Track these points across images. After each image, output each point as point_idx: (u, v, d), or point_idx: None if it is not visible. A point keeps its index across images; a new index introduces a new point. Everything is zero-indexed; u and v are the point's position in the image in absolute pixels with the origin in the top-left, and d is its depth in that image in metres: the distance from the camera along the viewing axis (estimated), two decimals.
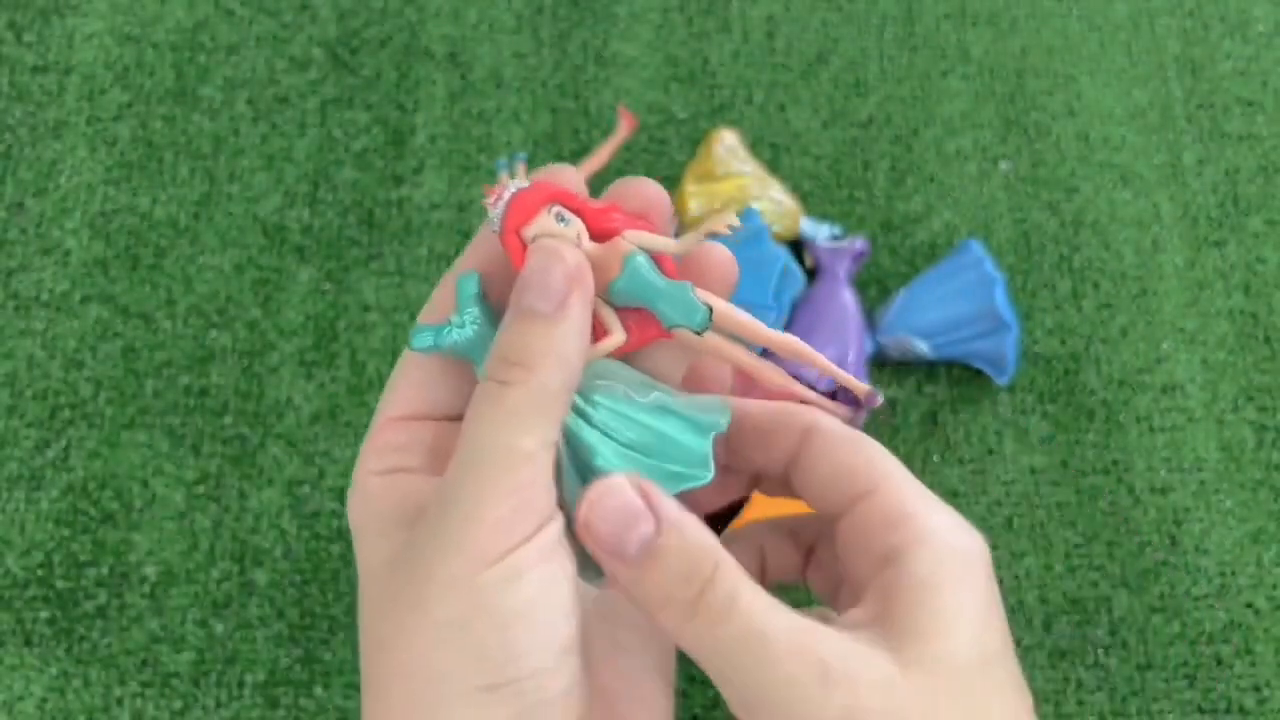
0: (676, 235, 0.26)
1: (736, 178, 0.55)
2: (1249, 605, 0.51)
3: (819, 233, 0.55)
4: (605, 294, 0.25)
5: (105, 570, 0.52)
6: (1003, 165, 0.59)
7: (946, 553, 0.23)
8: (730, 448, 0.27)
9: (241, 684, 0.49)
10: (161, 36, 0.62)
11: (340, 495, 0.52)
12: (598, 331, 0.25)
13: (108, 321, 0.56)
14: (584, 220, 0.25)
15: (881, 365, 0.55)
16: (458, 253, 0.61)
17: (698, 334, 0.25)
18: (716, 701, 0.49)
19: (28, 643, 0.51)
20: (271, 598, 0.51)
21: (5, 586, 0.52)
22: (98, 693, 0.50)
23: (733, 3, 0.63)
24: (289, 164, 0.59)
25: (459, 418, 0.25)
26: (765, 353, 0.27)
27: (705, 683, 0.49)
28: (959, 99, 0.61)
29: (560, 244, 0.25)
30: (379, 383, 0.55)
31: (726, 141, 0.56)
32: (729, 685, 0.22)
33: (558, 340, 0.23)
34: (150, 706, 0.49)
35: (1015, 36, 0.62)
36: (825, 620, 0.22)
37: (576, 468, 0.25)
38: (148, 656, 0.50)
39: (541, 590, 0.22)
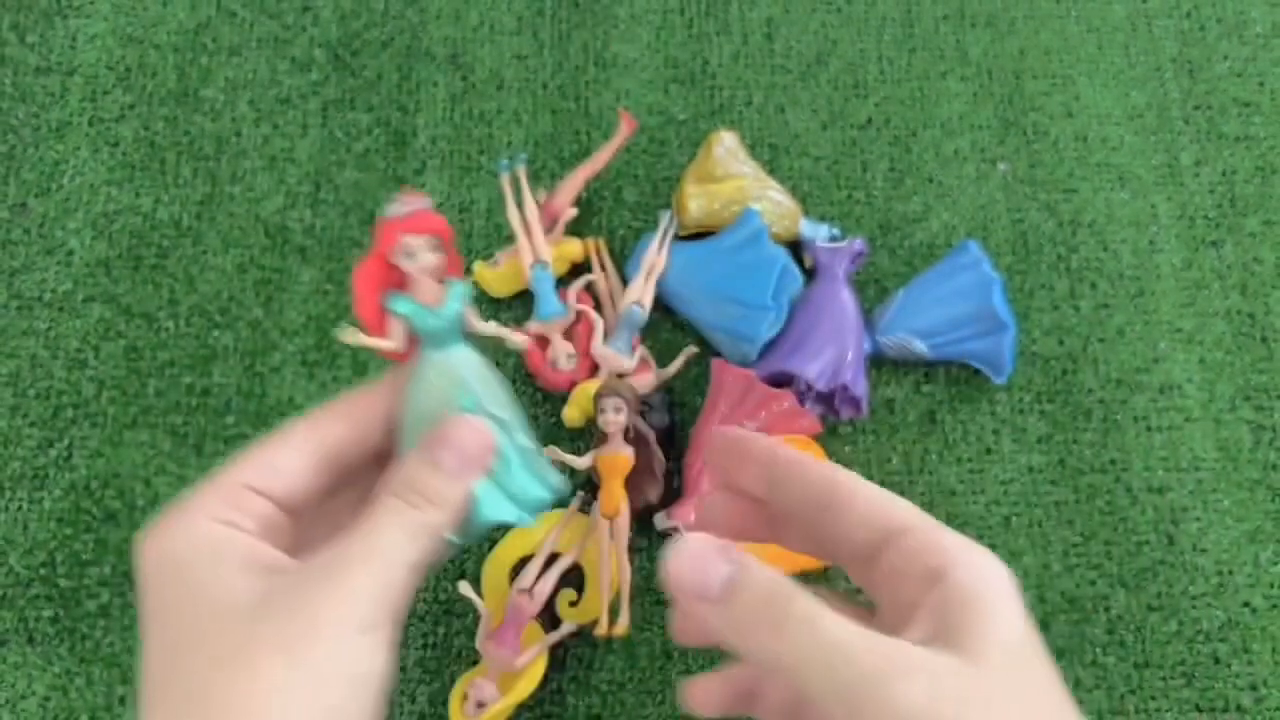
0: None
1: (736, 179, 0.56)
2: (1246, 604, 0.51)
3: (818, 233, 0.55)
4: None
5: (108, 569, 0.52)
6: (1000, 166, 0.59)
7: (986, 568, 0.26)
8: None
9: None
10: (164, 38, 0.62)
11: None
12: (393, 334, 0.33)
13: (110, 321, 0.56)
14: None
15: (880, 365, 0.55)
16: (459, 254, 0.61)
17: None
18: None
19: (31, 641, 0.51)
20: None
21: (8, 585, 0.52)
22: (100, 691, 0.50)
23: (732, 5, 0.63)
24: (291, 165, 0.59)
25: (294, 510, 0.31)
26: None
27: None
28: (957, 100, 0.61)
29: (483, 429, 0.32)
30: None
31: (726, 143, 0.56)
32: (819, 689, 0.24)
33: (456, 494, 0.31)
34: None
35: (1013, 38, 0.62)
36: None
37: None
38: None
39: (385, 663, 0.28)
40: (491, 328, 0.35)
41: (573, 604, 0.50)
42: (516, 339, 0.36)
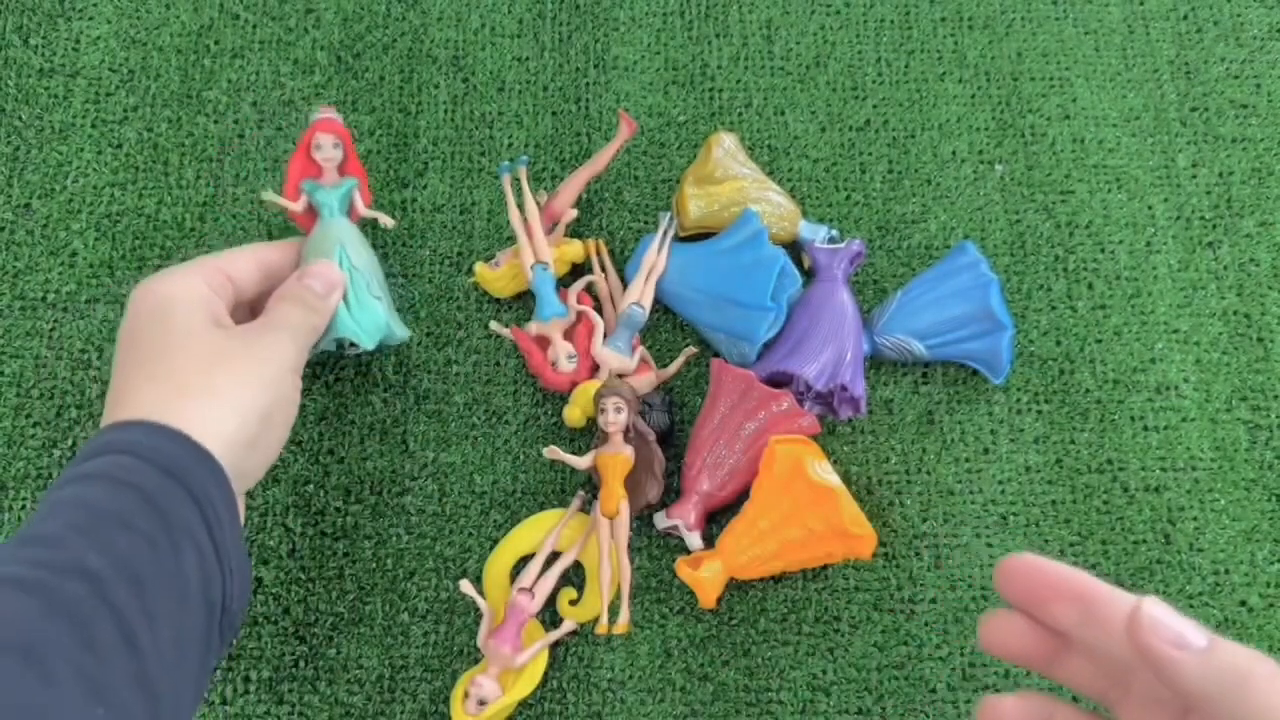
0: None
1: (735, 180, 0.56)
2: (1242, 603, 0.51)
3: (816, 235, 0.55)
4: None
5: None
6: (997, 168, 0.60)
7: None
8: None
9: (248, 680, 0.50)
10: (167, 40, 0.63)
11: (346, 494, 0.53)
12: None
13: (114, 322, 0.57)
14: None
15: (878, 366, 0.55)
16: (460, 254, 0.61)
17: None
18: (716, 696, 0.50)
19: None
20: (277, 595, 0.51)
21: None
22: None
23: (731, 8, 0.64)
24: None
25: (239, 297, 0.47)
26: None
27: (705, 679, 0.50)
28: (955, 102, 0.61)
29: (335, 268, 0.49)
30: (384, 382, 0.55)
31: (725, 144, 0.57)
32: None
33: (328, 305, 0.48)
34: None
35: (1011, 40, 0.63)
36: None
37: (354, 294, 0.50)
38: None
39: (298, 397, 0.46)
40: (370, 213, 0.52)
41: (573, 602, 0.51)
42: (386, 221, 0.52)
